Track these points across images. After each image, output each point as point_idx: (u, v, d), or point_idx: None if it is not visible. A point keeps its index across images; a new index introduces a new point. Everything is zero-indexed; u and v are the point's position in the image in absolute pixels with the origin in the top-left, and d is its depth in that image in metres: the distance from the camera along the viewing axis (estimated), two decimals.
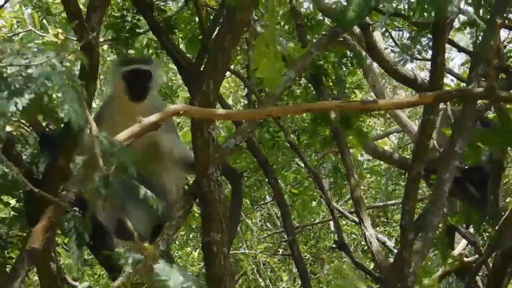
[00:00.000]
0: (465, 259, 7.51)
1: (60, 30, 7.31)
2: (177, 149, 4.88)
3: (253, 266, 12.56)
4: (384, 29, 7.37)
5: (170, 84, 8.26)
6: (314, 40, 6.33)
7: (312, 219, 10.70)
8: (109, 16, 5.97)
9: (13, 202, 4.46)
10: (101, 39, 6.32)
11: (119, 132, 2.95)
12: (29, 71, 2.64)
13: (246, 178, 8.03)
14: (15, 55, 2.68)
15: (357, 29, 6.96)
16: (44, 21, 7.74)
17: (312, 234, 12.56)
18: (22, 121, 4.33)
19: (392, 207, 12.29)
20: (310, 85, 6.78)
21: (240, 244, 12.20)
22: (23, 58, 2.68)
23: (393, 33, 8.04)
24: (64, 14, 7.22)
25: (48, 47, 2.89)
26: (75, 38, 7.08)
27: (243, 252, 12.19)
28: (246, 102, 8.12)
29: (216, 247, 4.11)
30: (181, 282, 2.70)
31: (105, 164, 2.71)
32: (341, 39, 6.33)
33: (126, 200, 3.87)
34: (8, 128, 4.13)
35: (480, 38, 5.12)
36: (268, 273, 12.73)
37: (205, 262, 4.24)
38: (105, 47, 7.74)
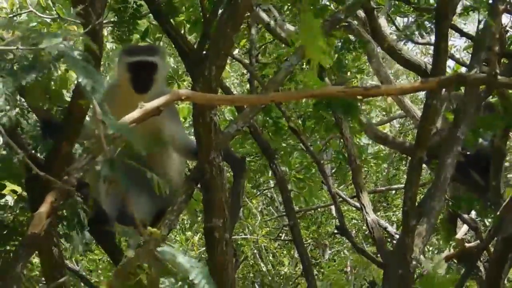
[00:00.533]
0: (466, 244, 7.53)
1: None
2: (179, 136, 4.88)
3: (255, 251, 12.58)
4: (388, 14, 7.36)
5: (175, 67, 8.23)
6: None
7: (313, 204, 10.71)
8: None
9: (19, 189, 4.45)
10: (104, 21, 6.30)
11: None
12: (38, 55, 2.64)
13: (251, 163, 8.04)
14: (21, 39, 2.68)
15: (361, 13, 6.94)
16: (50, 1, 7.72)
17: (313, 219, 12.57)
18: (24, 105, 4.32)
19: (393, 191, 12.29)
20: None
21: (241, 229, 12.22)
22: (31, 40, 2.67)
23: (398, 19, 8.04)
24: None
25: (50, 30, 2.88)
26: (76, 21, 7.07)
27: (245, 238, 12.21)
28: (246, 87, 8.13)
29: (218, 233, 4.11)
30: (186, 263, 2.67)
31: (109, 147, 2.70)
32: (345, 23, 6.32)
33: (129, 185, 3.88)
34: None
35: (482, 23, 5.12)
36: (270, 258, 12.75)
37: (207, 248, 4.25)
38: (105, 33, 7.72)
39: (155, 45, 6.28)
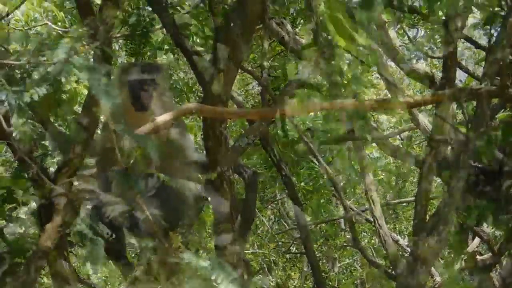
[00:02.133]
0: (478, 257, 7.49)
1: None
2: (188, 150, 4.87)
3: (264, 265, 12.53)
4: (398, 26, 7.37)
5: (186, 80, 8.23)
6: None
7: (324, 217, 10.68)
8: (125, 12, 5.95)
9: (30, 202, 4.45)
10: (117, 35, 6.31)
11: None
12: (49, 69, 2.65)
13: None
14: (31, 54, 2.69)
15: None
16: (63, 13, 7.75)
17: (322, 232, 12.52)
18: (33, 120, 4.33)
19: (402, 204, 12.24)
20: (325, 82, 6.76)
21: (250, 244, 12.18)
22: (41, 55, 2.69)
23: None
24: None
25: (65, 42, 2.88)
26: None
27: (253, 252, 12.17)
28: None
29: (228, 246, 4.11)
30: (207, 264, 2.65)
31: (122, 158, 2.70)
32: None
33: (141, 196, 3.87)
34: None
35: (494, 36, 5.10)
36: (279, 271, 12.71)
37: None
38: (117, 47, 7.74)
39: (154, 62, 6.24)
